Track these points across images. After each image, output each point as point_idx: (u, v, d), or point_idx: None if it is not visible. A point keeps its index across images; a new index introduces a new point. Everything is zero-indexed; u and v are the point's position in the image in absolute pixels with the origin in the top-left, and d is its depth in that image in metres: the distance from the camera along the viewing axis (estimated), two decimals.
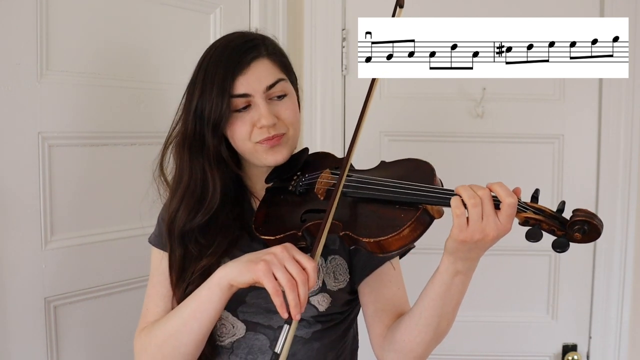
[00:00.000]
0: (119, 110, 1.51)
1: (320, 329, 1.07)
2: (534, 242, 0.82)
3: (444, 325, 0.96)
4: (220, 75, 1.02)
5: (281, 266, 0.87)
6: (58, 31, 1.38)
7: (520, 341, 2.00)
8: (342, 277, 1.08)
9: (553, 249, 0.82)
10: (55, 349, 1.42)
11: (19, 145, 1.33)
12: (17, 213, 1.33)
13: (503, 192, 0.83)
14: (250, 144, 1.05)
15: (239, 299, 1.05)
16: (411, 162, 0.99)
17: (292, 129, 1.07)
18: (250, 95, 1.03)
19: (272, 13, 1.85)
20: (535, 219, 0.83)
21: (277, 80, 1.05)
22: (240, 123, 1.04)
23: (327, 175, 1.03)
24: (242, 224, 1.09)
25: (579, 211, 0.83)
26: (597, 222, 0.81)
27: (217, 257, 1.05)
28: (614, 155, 1.91)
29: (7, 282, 1.32)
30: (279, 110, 1.05)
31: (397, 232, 0.86)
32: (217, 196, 1.05)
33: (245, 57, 1.03)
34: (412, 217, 0.87)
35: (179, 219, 1.05)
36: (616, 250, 1.92)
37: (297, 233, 0.97)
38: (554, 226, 0.83)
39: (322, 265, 1.07)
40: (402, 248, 0.88)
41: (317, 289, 1.05)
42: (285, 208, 1.05)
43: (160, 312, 1.10)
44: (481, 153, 1.95)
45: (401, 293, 1.09)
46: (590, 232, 0.81)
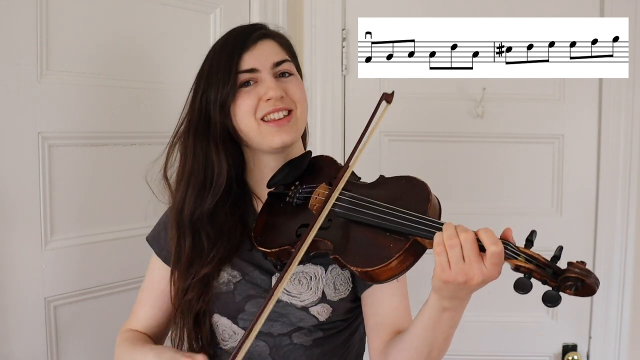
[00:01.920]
0: (119, 110, 1.51)
1: (322, 336, 1.06)
2: (523, 294, 0.76)
3: (435, 354, 0.94)
4: (227, 55, 1.01)
5: None
6: (58, 31, 1.38)
7: (520, 341, 1.99)
8: (343, 287, 1.05)
9: (543, 302, 0.76)
10: (55, 349, 1.42)
11: (19, 145, 1.33)
12: (17, 213, 1.33)
13: (487, 240, 0.78)
14: (254, 121, 1.02)
15: (239, 308, 1.05)
16: (408, 182, 0.94)
17: (299, 108, 1.04)
18: (257, 70, 1.01)
19: (272, 13, 1.85)
20: (526, 267, 0.78)
21: (284, 59, 1.04)
22: (246, 96, 1.01)
23: (322, 191, 1.00)
24: (244, 228, 1.07)
25: (574, 266, 0.76)
26: (591, 281, 0.75)
27: (218, 265, 1.04)
28: (614, 155, 1.91)
29: (7, 282, 1.32)
30: (287, 87, 1.03)
31: (385, 264, 0.83)
32: (222, 176, 1.03)
33: (251, 36, 1.02)
34: (401, 249, 0.83)
35: (187, 206, 1.03)
36: (616, 250, 1.92)
37: (290, 249, 0.95)
38: (546, 277, 0.77)
39: (322, 276, 1.04)
40: (393, 278, 0.85)
41: (316, 299, 1.03)
42: (282, 219, 1.03)
43: (140, 320, 1.14)
44: (481, 153, 1.95)
45: (402, 307, 1.05)
46: (582, 290, 0.75)
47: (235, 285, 1.05)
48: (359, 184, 1.02)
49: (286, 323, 1.03)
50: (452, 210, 0.92)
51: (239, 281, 1.06)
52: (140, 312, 1.14)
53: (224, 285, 1.06)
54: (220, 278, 1.06)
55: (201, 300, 1.04)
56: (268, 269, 1.05)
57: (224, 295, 1.05)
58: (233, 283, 1.05)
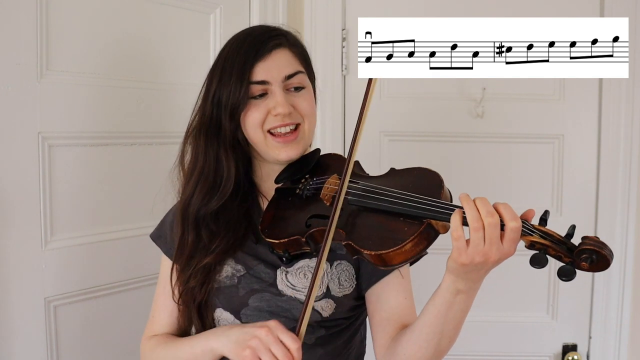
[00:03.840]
0: (119, 110, 1.51)
1: (325, 335, 1.06)
2: (539, 268, 0.77)
3: (445, 343, 0.94)
4: (240, 62, 1.02)
5: (267, 351, 0.89)
6: (58, 31, 1.38)
7: (520, 341, 1.99)
8: (347, 283, 1.06)
9: (559, 276, 0.77)
10: (55, 349, 1.42)
11: (19, 145, 1.33)
12: (17, 213, 1.33)
13: (507, 215, 0.79)
14: (261, 133, 1.04)
15: (242, 302, 1.05)
16: (420, 172, 0.97)
17: (307, 122, 1.07)
18: (268, 83, 1.02)
19: (272, 13, 1.85)
20: (542, 243, 0.79)
21: (297, 72, 1.05)
22: (255, 109, 1.03)
23: (334, 181, 1.02)
24: (249, 224, 1.09)
25: (588, 239, 0.78)
26: (606, 252, 0.76)
27: (220, 256, 1.05)
28: (614, 155, 1.91)
29: (7, 282, 1.32)
30: (296, 101, 1.05)
31: (399, 247, 0.84)
32: (231, 182, 1.05)
33: (266, 45, 1.03)
34: (415, 232, 0.84)
35: (194, 204, 1.06)
36: (616, 251, 1.92)
37: (300, 238, 0.97)
38: (561, 252, 0.78)
39: (327, 271, 1.05)
40: (405, 262, 0.86)
41: (320, 294, 1.03)
42: (291, 211, 1.04)
43: (164, 326, 1.13)
44: (481, 153, 1.95)
45: (408, 303, 1.06)
46: (598, 262, 0.76)
47: (239, 279, 1.06)
48: (370, 176, 1.03)
49: (290, 318, 1.03)
50: None
51: (243, 275, 1.06)
52: (162, 316, 1.14)
53: (227, 279, 1.06)
54: (223, 272, 1.06)
55: (203, 289, 1.05)
56: (273, 263, 1.06)
57: (227, 289, 1.06)
58: (237, 277, 1.06)
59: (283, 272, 1.04)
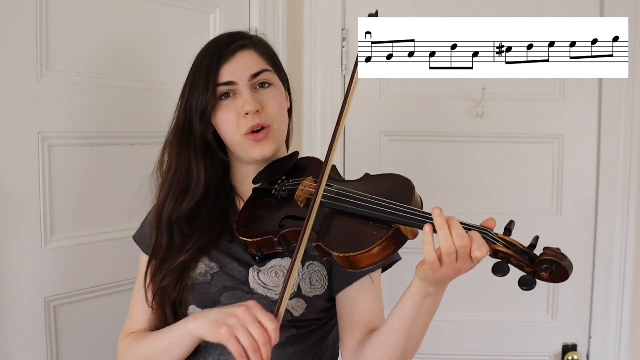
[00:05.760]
0: (119, 110, 1.51)
1: (296, 334, 1.06)
2: (501, 276, 0.80)
3: (412, 345, 0.96)
4: (206, 66, 1.05)
5: (244, 329, 0.88)
6: (58, 31, 1.38)
7: (520, 341, 1.99)
8: (319, 284, 1.07)
9: (519, 286, 0.81)
10: (55, 349, 1.42)
11: (19, 145, 1.33)
12: (17, 213, 1.33)
13: (475, 246, 0.82)
14: (239, 136, 1.06)
15: (214, 299, 1.05)
16: (392, 178, 0.99)
17: (276, 123, 1.08)
18: (234, 84, 1.05)
19: (272, 13, 1.85)
20: (505, 252, 0.82)
21: (263, 70, 1.07)
22: (225, 112, 1.06)
23: (308, 183, 1.03)
24: (225, 224, 1.10)
25: (550, 250, 0.81)
26: (566, 264, 0.79)
27: (196, 254, 1.07)
28: (614, 155, 1.91)
29: (7, 282, 1.32)
30: (263, 100, 1.07)
31: (367, 250, 0.86)
32: (200, 185, 1.08)
33: (230, 47, 1.06)
34: (383, 236, 0.86)
35: (167, 209, 1.08)
36: (616, 250, 1.92)
37: (273, 238, 0.98)
38: (523, 262, 0.81)
39: (299, 271, 1.06)
40: (373, 265, 0.88)
41: (292, 293, 1.04)
42: (266, 211, 1.05)
43: (143, 322, 1.14)
44: (481, 153, 1.95)
45: (378, 309, 1.08)
46: (558, 273, 0.79)
47: (212, 277, 1.07)
48: (345, 180, 1.06)
49: None
50: (452, 210, 0.92)
51: (216, 272, 1.07)
52: (140, 313, 1.14)
53: (201, 277, 1.07)
54: (197, 269, 1.08)
55: (178, 286, 1.06)
56: (246, 262, 1.07)
57: (200, 286, 1.07)
58: (210, 274, 1.07)
59: (255, 270, 1.06)
